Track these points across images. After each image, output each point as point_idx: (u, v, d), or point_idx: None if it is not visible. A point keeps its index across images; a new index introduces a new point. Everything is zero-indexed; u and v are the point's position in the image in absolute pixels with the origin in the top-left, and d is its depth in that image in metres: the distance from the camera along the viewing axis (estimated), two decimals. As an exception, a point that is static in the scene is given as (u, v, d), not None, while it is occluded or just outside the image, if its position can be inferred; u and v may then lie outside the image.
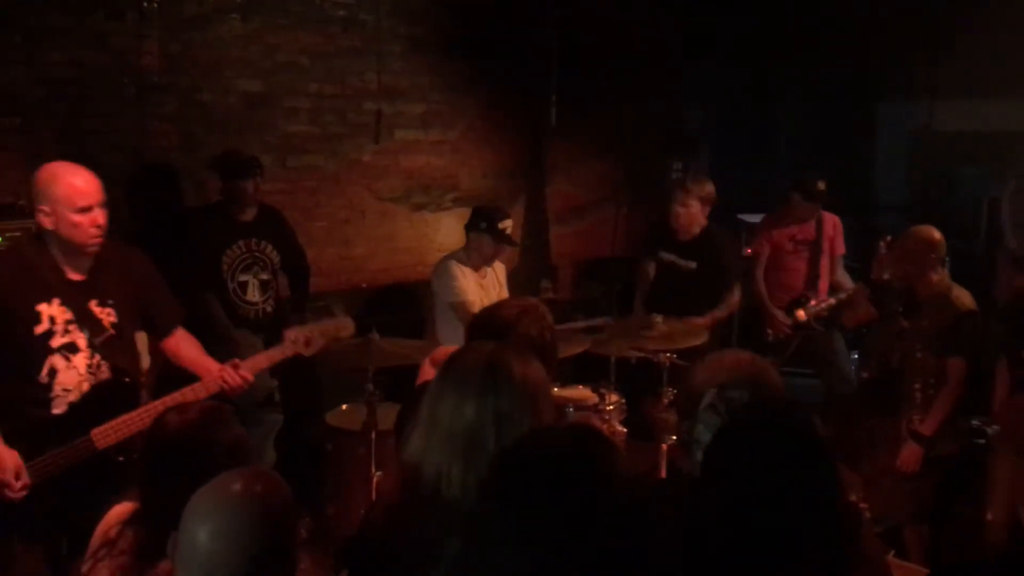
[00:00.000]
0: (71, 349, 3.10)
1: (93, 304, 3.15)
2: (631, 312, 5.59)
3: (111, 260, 3.20)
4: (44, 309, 3.05)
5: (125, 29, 4.59)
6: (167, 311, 3.43)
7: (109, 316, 3.18)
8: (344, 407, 4.68)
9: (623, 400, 4.74)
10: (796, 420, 1.81)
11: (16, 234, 3.85)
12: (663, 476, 4.35)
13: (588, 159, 6.99)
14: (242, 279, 4.71)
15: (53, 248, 3.09)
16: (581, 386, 4.89)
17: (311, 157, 5.44)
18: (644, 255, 5.62)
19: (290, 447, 4.91)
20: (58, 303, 3.07)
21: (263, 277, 4.77)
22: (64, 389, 3.08)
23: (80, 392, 3.11)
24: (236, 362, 3.32)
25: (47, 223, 3.03)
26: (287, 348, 3.39)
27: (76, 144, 4.47)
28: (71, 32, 4.43)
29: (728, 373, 2.12)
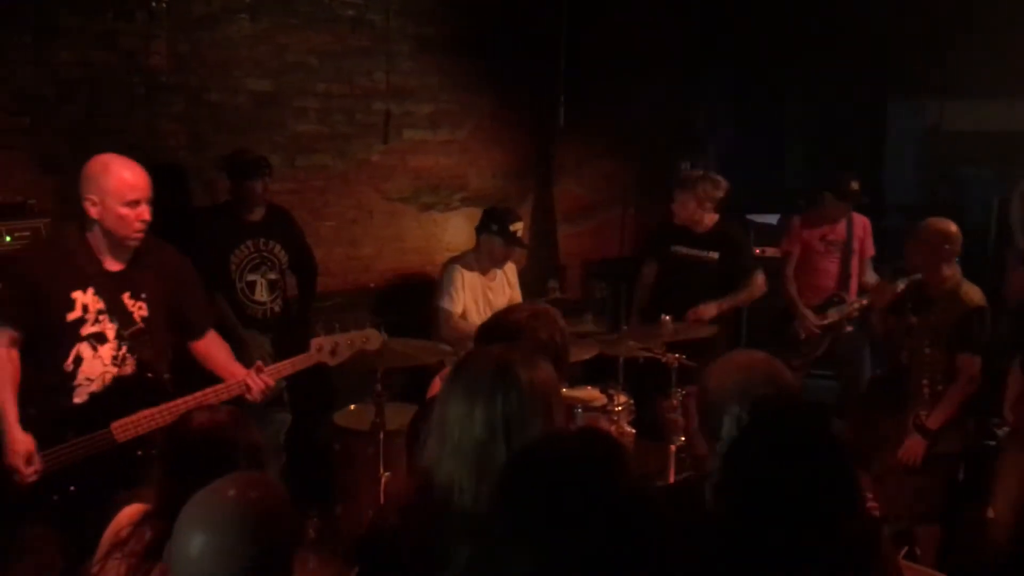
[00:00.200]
0: (99, 339, 3.13)
1: (126, 296, 3.19)
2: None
3: (149, 255, 3.24)
4: (78, 297, 3.10)
5: (134, 29, 4.59)
6: (200, 312, 3.46)
7: (140, 310, 3.22)
8: (352, 407, 4.69)
9: (631, 401, 4.74)
10: (818, 423, 1.79)
11: (25, 233, 3.86)
12: (672, 478, 4.35)
13: (596, 159, 6.98)
14: (250, 279, 4.71)
15: (95, 237, 3.14)
16: (590, 387, 4.89)
17: (319, 157, 5.44)
18: (645, 256, 5.61)
19: (298, 447, 4.91)
20: (92, 292, 3.12)
21: (271, 277, 4.77)
22: (87, 378, 3.12)
23: (103, 383, 3.13)
24: (260, 365, 3.33)
25: (93, 212, 3.08)
26: (312, 356, 3.37)
27: (85, 144, 4.46)
28: (80, 32, 4.42)
29: (742, 374, 2.11)
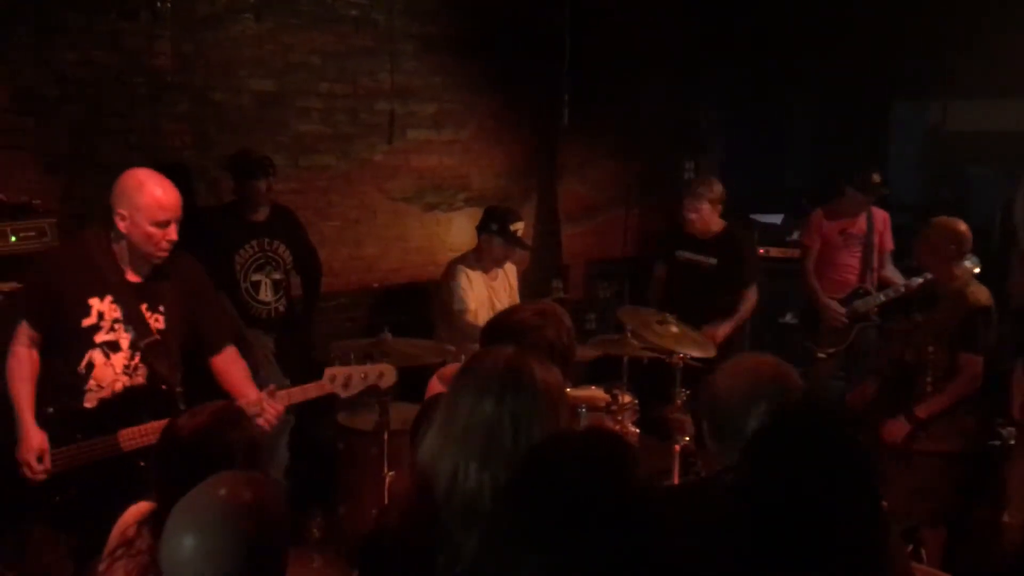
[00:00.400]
0: (113, 347, 3.16)
1: (144, 307, 3.21)
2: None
3: (171, 270, 3.26)
4: (95, 304, 3.13)
5: (138, 29, 4.60)
6: (218, 328, 3.47)
7: (157, 322, 3.23)
8: (356, 407, 4.68)
9: (636, 400, 4.73)
10: (843, 427, 1.78)
11: (30, 234, 3.87)
12: (677, 478, 4.34)
13: (600, 159, 6.97)
14: (255, 279, 4.72)
15: (120, 248, 3.16)
16: (594, 387, 4.88)
17: (323, 157, 5.44)
18: (656, 258, 5.62)
19: (302, 447, 4.91)
20: (110, 300, 3.14)
21: (275, 277, 4.77)
22: (98, 384, 3.14)
23: (112, 390, 3.16)
24: (272, 388, 3.33)
25: (121, 226, 3.10)
26: (324, 386, 3.36)
27: (89, 144, 4.48)
28: (84, 32, 4.43)
29: (750, 376, 2.11)
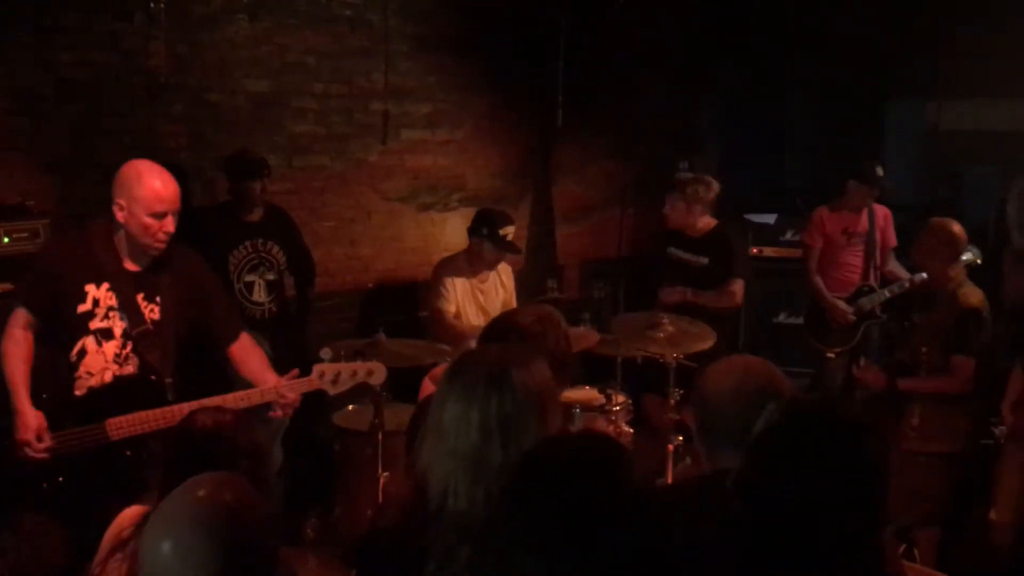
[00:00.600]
0: (106, 335, 3.18)
1: (140, 297, 3.23)
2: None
3: (171, 261, 3.28)
4: (91, 290, 3.16)
5: (134, 30, 4.60)
6: (226, 318, 3.49)
7: (152, 312, 3.25)
8: (351, 407, 4.68)
9: (630, 401, 4.74)
10: (852, 427, 1.76)
11: (23, 235, 3.88)
12: (670, 477, 4.35)
13: (595, 159, 6.99)
14: (248, 279, 4.72)
15: (119, 239, 3.19)
16: (588, 387, 4.89)
17: (318, 157, 5.45)
18: (654, 259, 5.63)
19: (297, 448, 4.92)
20: (107, 287, 3.17)
21: (269, 277, 4.78)
22: (88, 372, 3.17)
23: (102, 379, 3.18)
24: (296, 372, 3.35)
25: (120, 216, 3.14)
26: (313, 382, 3.36)
27: (85, 145, 4.49)
28: (80, 33, 4.44)
29: (738, 377, 2.12)
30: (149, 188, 3.11)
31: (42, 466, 3.01)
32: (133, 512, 2.30)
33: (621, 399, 4.68)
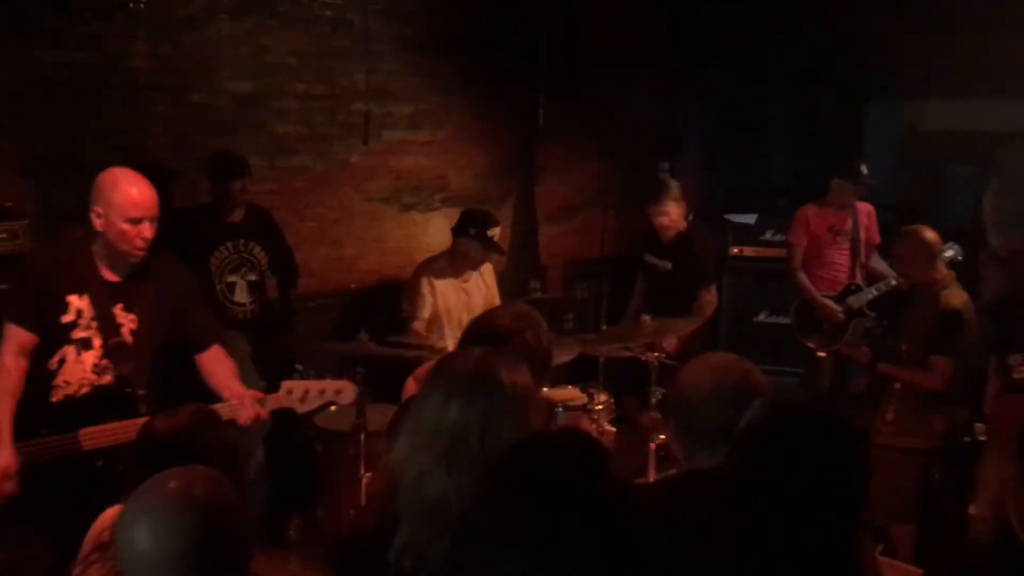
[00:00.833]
0: (86, 345, 3.18)
1: (118, 308, 3.22)
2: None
3: (151, 270, 3.27)
4: (74, 301, 3.15)
5: (115, 30, 4.59)
6: (203, 327, 3.46)
7: (130, 323, 3.24)
8: (333, 408, 4.66)
9: (612, 400, 4.76)
10: (838, 424, 1.78)
11: (2, 236, 3.87)
12: (652, 475, 4.37)
13: (577, 160, 6.99)
14: (230, 280, 4.71)
15: (98, 247, 3.18)
16: (570, 386, 4.90)
17: (300, 158, 5.43)
18: (636, 265, 5.68)
19: (280, 448, 4.91)
20: (87, 299, 3.16)
21: (251, 278, 4.77)
22: (66, 381, 3.16)
23: (78, 388, 3.17)
24: (259, 393, 3.34)
25: (97, 224, 3.13)
26: (281, 399, 3.35)
27: (67, 146, 4.46)
28: (61, 33, 4.41)
29: (714, 375, 2.14)
30: (125, 194, 3.10)
31: (20, 474, 2.97)
32: (114, 513, 2.29)
33: (603, 398, 4.69)
